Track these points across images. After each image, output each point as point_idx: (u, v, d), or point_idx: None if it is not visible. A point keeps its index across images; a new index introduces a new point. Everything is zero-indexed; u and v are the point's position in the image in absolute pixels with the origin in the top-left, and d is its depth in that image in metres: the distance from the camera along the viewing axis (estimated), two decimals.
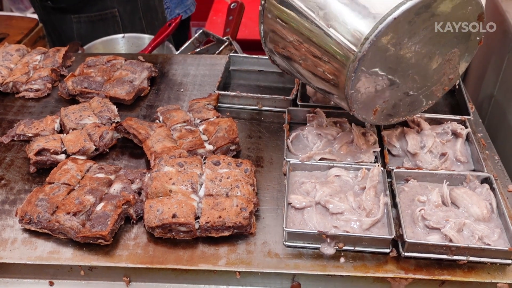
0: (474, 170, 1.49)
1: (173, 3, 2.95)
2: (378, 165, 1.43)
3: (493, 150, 1.61)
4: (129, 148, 1.63)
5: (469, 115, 1.66)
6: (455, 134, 1.57)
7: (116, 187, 1.40)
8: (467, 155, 1.54)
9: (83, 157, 1.54)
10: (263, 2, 1.41)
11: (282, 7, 1.36)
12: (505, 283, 1.21)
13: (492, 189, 1.38)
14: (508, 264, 1.24)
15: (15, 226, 1.35)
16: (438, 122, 1.62)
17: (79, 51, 2.34)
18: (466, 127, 1.59)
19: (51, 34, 2.71)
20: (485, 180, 1.41)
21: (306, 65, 1.38)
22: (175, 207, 1.29)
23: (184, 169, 1.39)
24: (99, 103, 1.73)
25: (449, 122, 1.61)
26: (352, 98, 1.28)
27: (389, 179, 1.42)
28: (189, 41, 2.38)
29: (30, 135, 1.62)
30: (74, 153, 1.54)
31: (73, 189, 1.39)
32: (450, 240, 1.24)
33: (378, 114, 1.36)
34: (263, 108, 1.78)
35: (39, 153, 1.51)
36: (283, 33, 1.39)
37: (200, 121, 1.64)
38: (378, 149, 1.52)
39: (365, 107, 1.32)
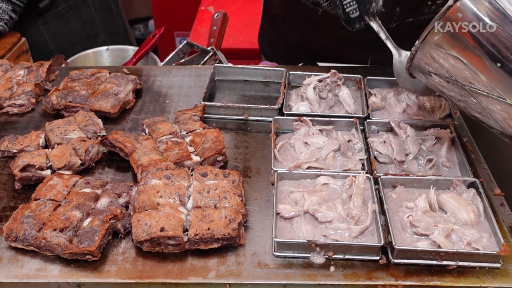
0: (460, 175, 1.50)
1: None
2: (364, 172, 1.43)
3: (478, 154, 1.62)
4: (115, 161, 1.61)
5: (453, 120, 1.67)
6: (440, 140, 1.58)
7: (103, 202, 1.38)
8: (453, 160, 1.55)
9: (69, 172, 1.53)
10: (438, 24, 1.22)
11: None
12: (494, 286, 1.22)
13: (479, 193, 1.39)
14: (497, 268, 1.25)
15: (0, 244, 1.33)
16: (423, 127, 1.63)
17: (63, 65, 2.32)
18: (451, 132, 1.60)
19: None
20: (472, 185, 1.42)
21: (469, 94, 1.28)
22: (163, 220, 1.28)
23: (172, 181, 1.39)
24: (84, 117, 1.71)
25: (434, 127, 1.62)
26: None
27: (376, 186, 1.42)
28: (174, 52, 2.38)
29: (14, 151, 1.60)
30: (59, 168, 1.52)
31: (60, 205, 1.37)
32: (439, 246, 1.25)
33: None
34: (249, 118, 1.77)
35: (24, 169, 1.49)
36: (456, 62, 1.25)
37: (187, 133, 1.63)
38: (365, 157, 1.53)
39: None
